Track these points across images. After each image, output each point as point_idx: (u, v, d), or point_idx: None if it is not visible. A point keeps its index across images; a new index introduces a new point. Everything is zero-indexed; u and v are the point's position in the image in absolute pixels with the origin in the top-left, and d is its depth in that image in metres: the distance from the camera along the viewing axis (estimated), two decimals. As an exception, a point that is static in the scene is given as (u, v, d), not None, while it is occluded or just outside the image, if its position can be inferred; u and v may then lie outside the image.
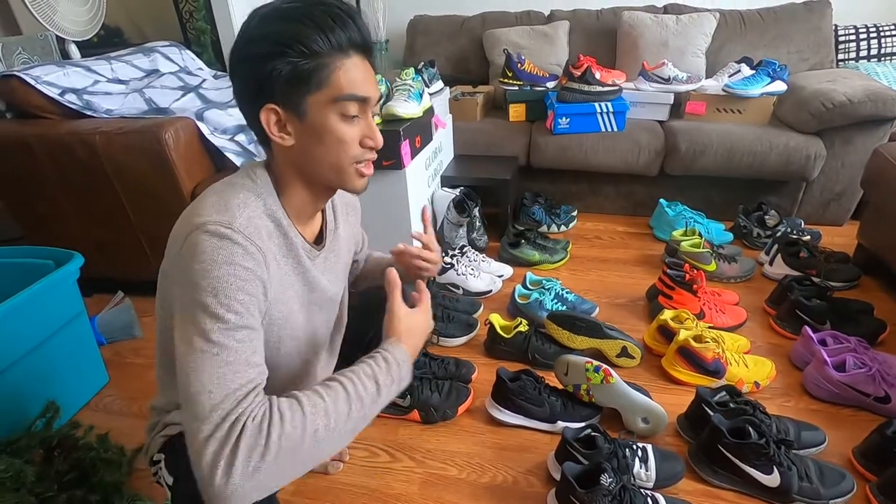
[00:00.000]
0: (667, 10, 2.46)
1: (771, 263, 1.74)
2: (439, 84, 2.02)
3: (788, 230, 1.87)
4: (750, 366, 1.29)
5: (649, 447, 1.07)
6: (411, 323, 0.76)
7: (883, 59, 2.29)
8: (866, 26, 2.32)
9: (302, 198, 0.73)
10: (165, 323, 0.68)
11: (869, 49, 2.31)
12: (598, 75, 2.06)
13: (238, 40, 0.64)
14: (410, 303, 0.79)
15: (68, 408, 1.31)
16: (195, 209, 0.65)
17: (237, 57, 0.65)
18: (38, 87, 1.54)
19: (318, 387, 0.64)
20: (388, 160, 1.52)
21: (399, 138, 1.49)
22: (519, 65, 2.27)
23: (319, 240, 0.81)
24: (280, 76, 0.62)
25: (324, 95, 0.64)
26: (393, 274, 0.76)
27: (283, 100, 0.64)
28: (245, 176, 0.70)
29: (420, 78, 1.71)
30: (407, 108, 1.56)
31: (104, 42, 2.65)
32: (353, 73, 0.65)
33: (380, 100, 0.72)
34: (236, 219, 0.63)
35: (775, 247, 1.74)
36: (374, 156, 0.73)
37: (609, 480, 0.93)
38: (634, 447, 1.05)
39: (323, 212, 0.83)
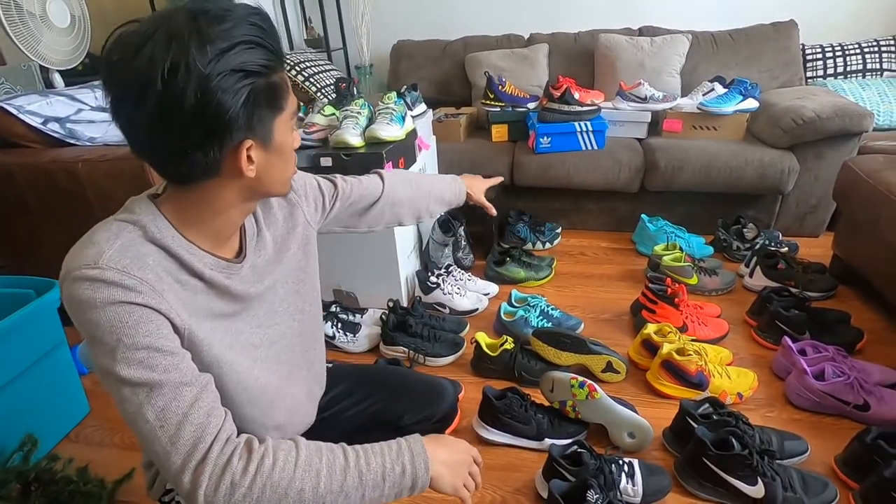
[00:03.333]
0: (642, 32, 2.54)
1: (751, 275, 1.77)
2: (422, 107, 2.05)
3: (767, 243, 1.91)
4: (733, 377, 1.31)
5: (636, 462, 1.07)
6: (447, 440, 0.72)
7: (849, 76, 2.39)
8: (832, 45, 2.42)
9: (230, 221, 0.66)
10: None
11: (835, 67, 2.40)
12: (577, 96, 2.12)
13: (192, 81, 0.52)
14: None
15: (47, 440, 1.28)
16: (63, 265, 0.57)
17: (197, 98, 0.52)
18: (21, 116, 1.55)
19: (323, 446, 0.62)
20: (372, 182, 1.54)
21: (382, 160, 1.51)
22: (500, 87, 2.32)
23: (241, 251, 0.72)
24: (256, 106, 0.57)
25: (286, 114, 0.62)
26: None
27: (255, 130, 0.58)
28: (121, 211, 0.64)
29: (402, 101, 1.74)
30: (389, 131, 1.59)
31: (89, 70, 2.66)
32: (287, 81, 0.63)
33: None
34: (103, 253, 0.55)
35: (754, 259, 1.77)
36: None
37: (596, 497, 0.93)
38: (621, 462, 1.06)
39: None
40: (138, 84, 0.52)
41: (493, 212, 1.26)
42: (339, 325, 1.59)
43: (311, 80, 2.40)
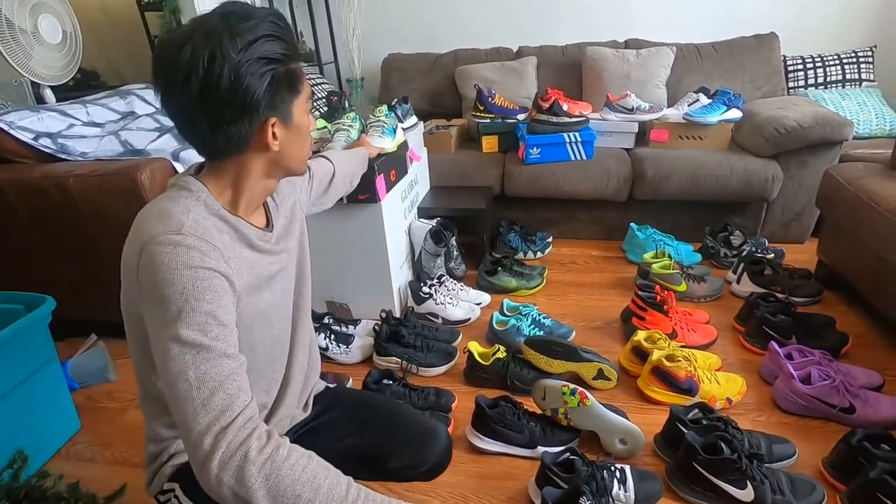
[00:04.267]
0: (627, 45, 2.60)
1: (738, 282, 1.80)
2: (413, 119, 2.08)
3: (753, 249, 1.95)
4: (722, 382, 1.32)
5: (627, 468, 1.08)
6: None
7: (829, 86, 2.45)
8: (812, 56, 2.48)
9: (258, 193, 0.76)
10: (139, 347, 0.69)
11: (816, 77, 2.47)
12: (565, 107, 2.15)
13: (227, 64, 0.63)
14: None
15: (37, 457, 1.26)
16: (140, 229, 0.65)
17: (231, 82, 0.63)
18: (12, 132, 1.55)
19: (332, 469, 0.63)
20: (364, 194, 1.55)
21: (374, 173, 1.53)
22: (490, 99, 2.36)
23: (269, 222, 0.83)
24: (279, 89, 0.67)
25: (303, 96, 0.72)
26: None
27: (279, 110, 0.69)
28: (178, 188, 0.71)
29: (394, 114, 1.77)
30: (381, 143, 1.60)
31: (81, 85, 2.67)
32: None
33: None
34: (184, 223, 0.64)
35: (741, 266, 1.80)
36: None
37: (588, 503, 0.94)
38: (613, 469, 1.07)
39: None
40: (185, 72, 0.63)
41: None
42: (333, 336, 1.59)
43: (303, 93, 2.42)
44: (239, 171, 0.73)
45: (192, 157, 1.72)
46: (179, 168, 1.59)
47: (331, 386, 1.06)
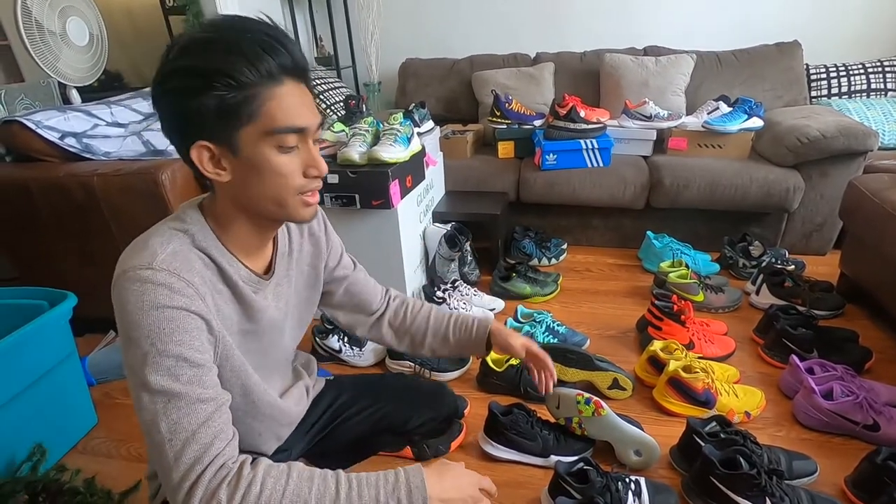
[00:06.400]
0: (646, 52, 2.58)
1: (757, 293, 1.77)
2: (430, 124, 2.08)
3: (773, 260, 1.91)
4: (740, 395, 1.30)
5: (642, 480, 1.06)
6: (453, 471, 0.67)
7: (853, 95, 2.40)
8: (836, 65, 2.44)
9: (246, 231, 0.70)
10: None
11: (840, 87, 2.42)
12: (582, 113, 2.14)
13: (158, 72, 0.60)
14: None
15: (55, 450, 1.29)
16: (120, 259, 0.63)
17: (160, 91, 0.61)
18: (39, 131, 1.58)
19: (317, 474, 0.61)
20: (377, 200, 1.56)
21: (388, 179, 1.53)
22: (507, 104, 2.35)
23: (269, 268, 0.77)
24: (208, 111, 0.58)
25: (256, 128, 0.60)
26: None
27: (214, 135, 0.61)
28: (173, 218, 0.68)
29: (409, 121, 1.77)
30: (392, 152, 1.59)
31: (105, 86, 2.73)
32: (288, 102, 0.61)
33: (321, 124, 0.68)
34: (157, 256, 0.60)
35: (761, 277, 1.77)
36: (319, 184, 0.69)
37: (602, 515, 0.93)
38: (627, 480, 1.05)
39: (275, 238, 0.79)
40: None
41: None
42: (346, 339, 1.60)
43: (321, 97, 2.45)
44: (220, 203, 0.68)
45: (212, 158, 1.75)
46: (199, 169, 1.62)
47: (331, 377, 1.09)
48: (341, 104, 2.47)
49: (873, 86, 2.38)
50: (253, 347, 0.75)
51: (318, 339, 1.60)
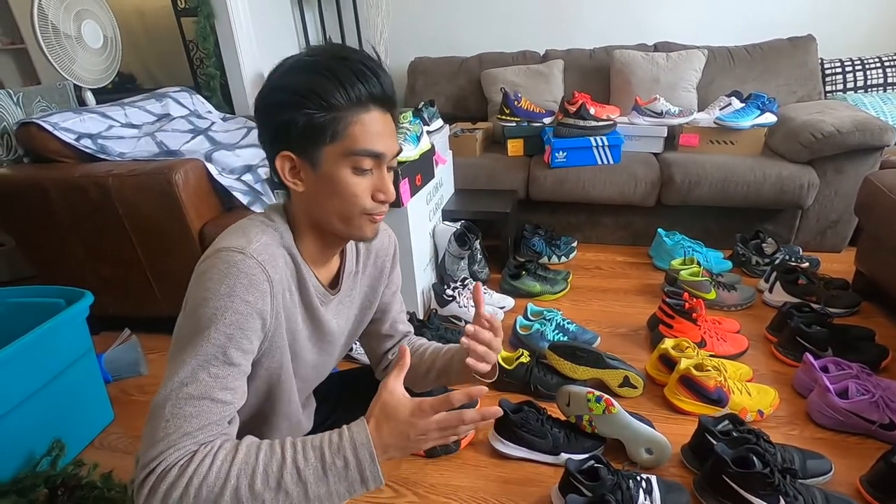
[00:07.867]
0: (657, 48, 2.56)
1: (770, 291, 1.75)
2: (439, 122, 2.08)
3: (787, 257, 1.89)
4: (753, 394, 1.29)
5: (653, 478, 1.06)
6: (395, 409, 0.62)
7: (869, 90, 2.36)
8: (851, 59, 2.40)
9: (314, 243, 0.74)
10: None
11: (855, 81, 2.38)
12: (592, 111, 2.13)
13: (263, 88, 0.67)
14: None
15: (73, 446, 1.31)
16: (215, 241, 0.67)
17: (261, 104, 0.68)
18: (56, 133, 1.61)
19: (265, 443, 0.61)
20: (389, 197, 1.56)
21: (397, 178, 1.53)
22: (516, 102, 2.35)
23: (336, 283, 0.80)
24: (296, 126, 0.64)
25: (338, 148, 0.65)
26: (404, 349, 0.67)
27: (299, 148, 0.66)
28: (264, 215, 0.73)
29: (418, 120, 1.77)
30: (402, 151, 1.60)
31: (118, 88, 2.77)
32: (371, 128, 0.66)
33: (398, 153, 0.71)
34: (251, 243, 0.64)
35: (774, 274, 1.75)
36: (385, 209, 0.72)
37: (613, 513, 0.93)
38: (638, 478, 1.05)
39: (342, 254, 0.82)
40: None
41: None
42: (356, 336, 1.60)
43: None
44: (294, 211, 0.73)
45: (224, 158, 1.76)
46: (212, 169, 1.63)
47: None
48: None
49: (890, 80, 2.34)
50: (303, 356, 0.77)
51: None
